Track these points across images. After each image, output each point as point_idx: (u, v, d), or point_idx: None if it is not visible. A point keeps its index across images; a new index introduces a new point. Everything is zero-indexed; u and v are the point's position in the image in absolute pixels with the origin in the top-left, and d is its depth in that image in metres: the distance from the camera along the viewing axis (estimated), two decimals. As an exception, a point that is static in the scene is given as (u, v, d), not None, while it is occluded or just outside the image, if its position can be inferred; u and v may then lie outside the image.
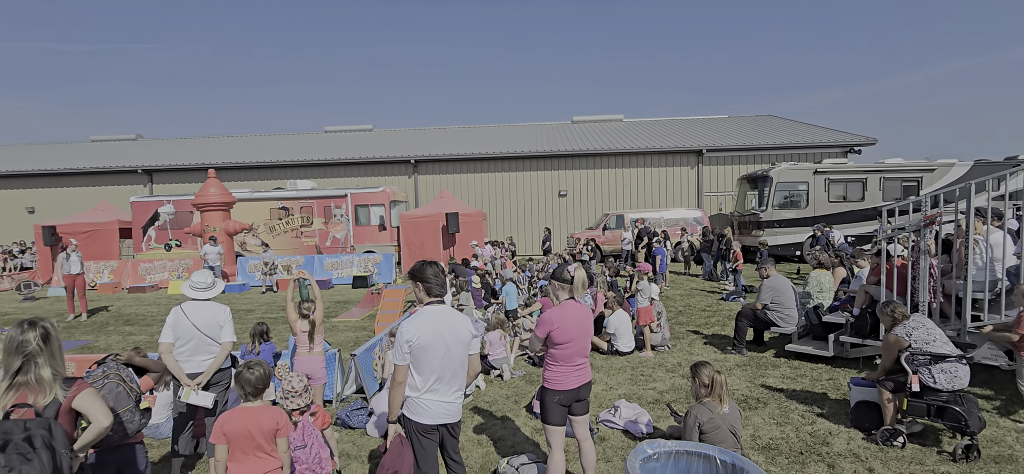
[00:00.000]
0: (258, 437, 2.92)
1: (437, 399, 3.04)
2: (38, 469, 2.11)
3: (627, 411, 5.10)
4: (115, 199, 22.67)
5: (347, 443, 4.83)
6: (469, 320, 3.27)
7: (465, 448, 4.67)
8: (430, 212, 17.43)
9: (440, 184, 22.99)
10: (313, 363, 4.76)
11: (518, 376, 6.67)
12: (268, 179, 23.36)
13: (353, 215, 18.68)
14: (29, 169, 24.42)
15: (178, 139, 32.02)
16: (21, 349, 2.28)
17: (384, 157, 23.18)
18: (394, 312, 9.61)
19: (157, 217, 19.15)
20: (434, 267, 3.14)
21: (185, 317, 4.04)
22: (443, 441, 3.17)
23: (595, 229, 19.25)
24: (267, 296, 13.99)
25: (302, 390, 3.93)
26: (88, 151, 28.40)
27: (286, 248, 18.57)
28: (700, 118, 30.50)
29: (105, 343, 9.14)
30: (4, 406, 2.22)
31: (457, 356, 3.08)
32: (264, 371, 3.10)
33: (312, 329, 4.77)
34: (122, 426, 3.14)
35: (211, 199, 15.84)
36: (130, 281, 16.14)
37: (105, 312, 12.27)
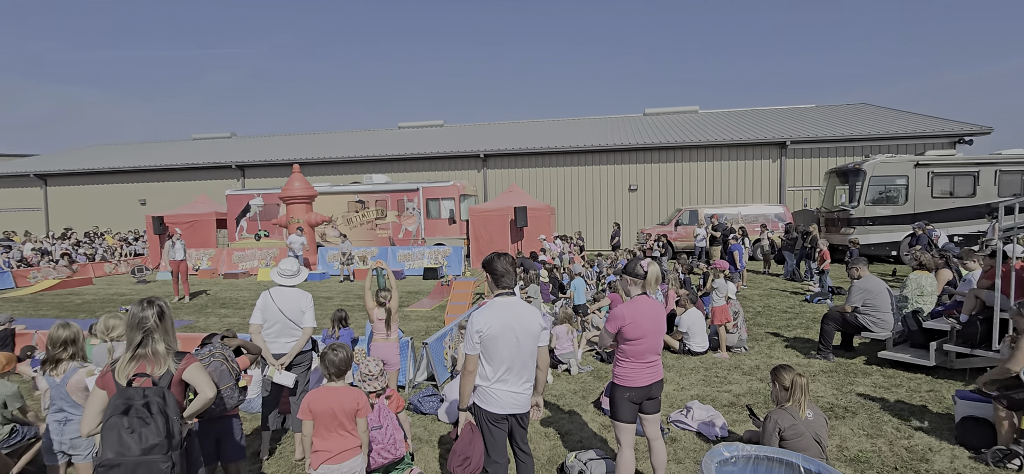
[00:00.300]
0: (340, 415, 3.09)
1: (507, 389, 3.08)
2: (154, 432, 2.36)
3: (700, 413, 4.93)
4: (213, 192, 24.70)
5: (419, 428, 5.00)
6: (539, 312, 3.28)
7: (532, 440, 4.71)
8: (499, 206, 17.62)
9: (509, 178, 23.19)
10: (388, 349, 4.96)
11: (586, 371, 6.62)
12: (346, 173, 24.54)
13: (424, 208, 19.25)
14: (141, 165, 27.14)
15: (267, 136, 34.38)
16: (141, 325, 2.55)
17: (454, 152, 23.68)
18: (463, 304, 9.83)
19: (248, 209, 20.68)
20: (504, 259, 3.17)
21: (272, 301, 4.34)
22: (512, 431, 3.22)
23: (667, 225, 18.68)
24: (344, 285, 14.74)
25: (378, 374, 4.12)
26: (190, 148, 31.14)
27: (362, 239, 19.47)
28: (784, 108, 28.73)
29: (204, 324, 10.01)
30: (127, 375, 2.49)
31: (526, 347, 3.11)
32: (347, 354, 3.28)
33: (388, 317, 4.97)
34: (223, 400, 3.43)
35: (295, 192, 16.90)
36: (225, 268, 17.56)
37: (204, 295, 13.44)
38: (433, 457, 4.47)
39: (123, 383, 2.47)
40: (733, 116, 27.53)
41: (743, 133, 22.20)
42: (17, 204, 28.50)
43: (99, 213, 27.35)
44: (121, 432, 2.34)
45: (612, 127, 26.84)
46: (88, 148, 36.47)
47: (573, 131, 26.55)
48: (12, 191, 28.60)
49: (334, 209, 19.91)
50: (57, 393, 3.32)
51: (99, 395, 2.49)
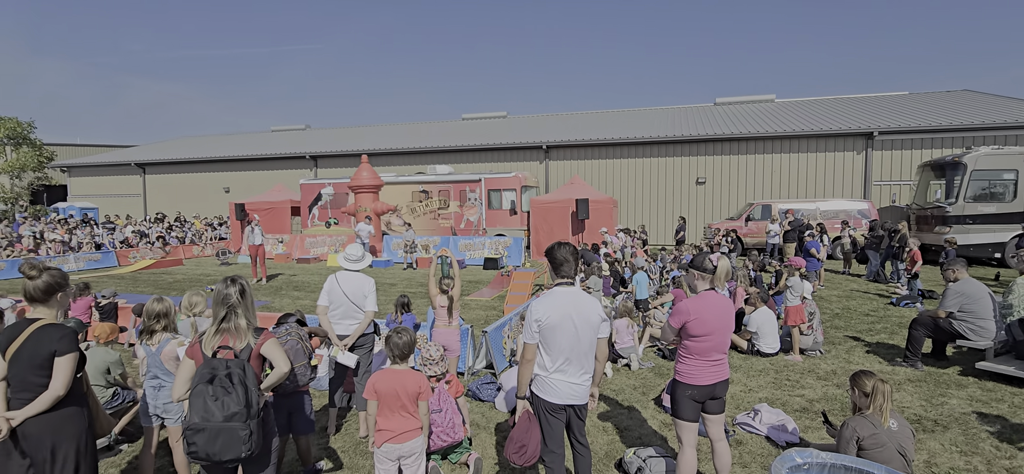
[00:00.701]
0: (403, 397, 3.17)
1: (565, 379, 3.06)
2: (235, 401, 2.52)
3: (769, 416, 4.68)
4: (288, 181, 26.14)
5: (477, 414, 5.07)
6: (599, 303, 3.22)
7: (590, 433, 4.65)
8: (560, 197, 17.52)
9: (571, 170, 22.98)
10: (449, 336, 5.05)
11: (647, 368, 6.46)
12: (411, 164, 25.22)
13: (486, 199, 19.46)
14: (225, 155, 29.13)
15: (338, 128, 35.94)
16: (225, 301, 2.72)
17: (516, 143, 23.74)
18: (522, 295, 9.86)
19: (320, 198, 21.72)
20: (565, 248, 3.13)
21: (337, 285, 4.52)
22: (570, 422, 3.19)
23: (737, 220, 17.85)
24: (408, 272, 15.19)
25: (438, 359, 4.21)
26: (268, 140, 33.08)
27: (425, 229, 19.97)
28: (871, 96, 26.66)
29: (279, 304, 10.63)
30: (212, 347, 2.67)
31: (586, 338, 3.06)
32: (410, 337, 3.36)
33: (450, 304, 5.06)
34: (296, 377, 3.62)
35: (363, 182, 17.57)
36: (298, 253, 18.57)
37: (279, 278, 14.27)
38: (490, 443, 4.51)
39: (209, 354, 2.66)
40: (813, 105, 25.86)
41: (824, 123, 20.80)
42: (120, 190, 31.43)
43: (189, 199, 29.66)
44: (206, 399, 2.52)
45: (680, 117, 25.94)
46: (179, 140, 39.61)
47: (638, 121, 25.91)
48: (116, 178, 31.56)
49: (399, 199, 20.54)
50: (152, 361, 3.63)
51: (188, 364, 2.69)
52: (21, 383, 2.66)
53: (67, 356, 2.69)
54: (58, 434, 2.71)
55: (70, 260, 16.64)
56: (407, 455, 3.21)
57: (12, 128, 32.26)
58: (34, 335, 2.67)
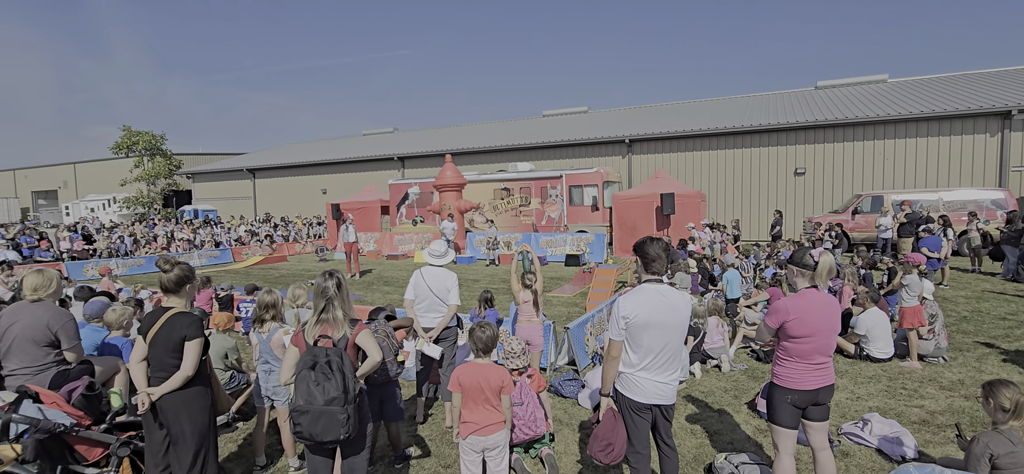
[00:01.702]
0: (486, 391, 3.24)
1: (651, 378, 2.97)
2: (335, 386, 2.70)
3: (881, 427, 4.26)
4: (378, 182, 27.56)
5: (559, 410, 5.06)
6: (690, 301, 3.09)
7: (677, 435, 4.49)
8: (644, 192, 17.03)
9: (655, 164, 22.27)
10: (532, 331, 5.08)
11: (739, 369, 6.12)
12: (493, 162, 25.64)
13: (567, 195, 19.35)
14: (322, 159, 31.27)
15: (424, 129, 37.36)
16: (324, 293, 2.93)
17: (598, 138, 23.38)
18: (605, 291, 9.71)
19: (407, 197, 22.71)
20: (657, 244, 3.03)
21: (422, 280, 4.70)
22: (656, 422, 3.10)
23: (842, 213, 16.39)
24: (490, 268, 15.47)
25: (520, 352, 4.24)
26: (360, 143, 35.09)
27: (507, 226, 20.24)
28: (1007, 70, 23.42)
29: (371, 298, 11.25)
30: (314, 336, 2.89)
31: (674, 337, 2.96)
32: (493, 332, 3.42)
33: (534, 299, 5.09)
34: (385, 370, 3.82)
35: (447, 181, 18.12)
36: (387, 249, 19.54)
37: (371, 273, 15.10)
38: (573, 440, 4.49)
39: (310, 343, 2.88)
40: (933, 83, 23.16)
41: (947, 103, 18.53)
42: (234, 194, 34.77)
43: (291, 201, 32.18)
44: (309, 384, 2.72)
45: (775, 104, 24.26)
46: (283, 146, 43.08)
47: (728, 110, 24.57)
48: (231, 183, 34.95)
49: (481, 196, 20.97)
50: (263, 347, 3.98)
51: (293, 351, 2.92)
52: (158, 363, 3.02)
53: (195, 341, 3.03)
54: (187, 409, 3.05)
55: (194, 256, 18.67)
56: (491, 447, 3.27)
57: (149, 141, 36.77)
58: (168, 322, 3.03)
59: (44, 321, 3.56)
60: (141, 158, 37.24)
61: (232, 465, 4.18)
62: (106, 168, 40.99)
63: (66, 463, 3.06)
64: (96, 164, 42.91)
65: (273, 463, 4.16)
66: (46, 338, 3.56)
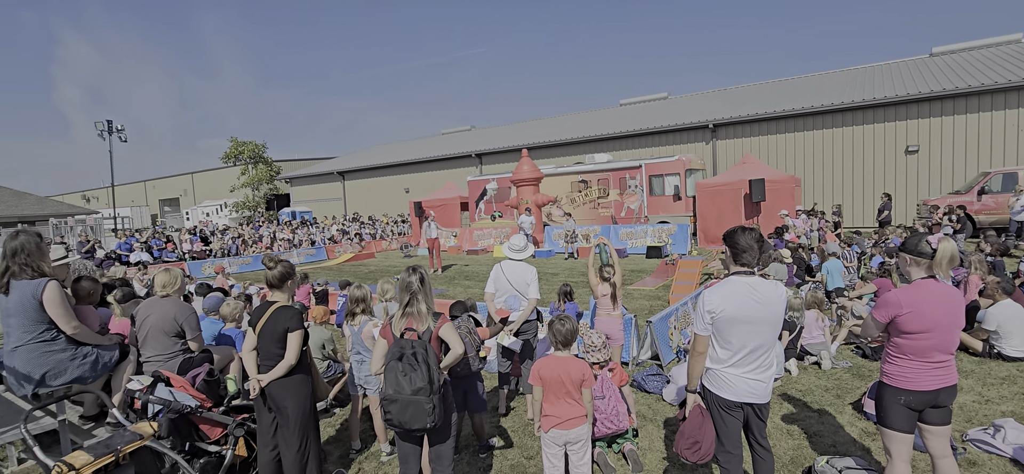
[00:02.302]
0: (567, 384, 3.23)
1: (742, 374, 2.82)
2: (420, 377, 2.82)
3: (1017, 435, 3.76)
4: (457, 179, 28.27)
5: (643, 406, 4.94)
6: (784, 294, 2.89)
7: (772, 436, 4.23)
8: (730, 179, 16.16)
9: (743, 148, 21.03)
10: (612, 324, 5.00)
11: (841, 367, 5.65)
12: (570, 154, 25.44)
13: (647, 185, 18.80)
14: (403, 159, 32.58)
15: (500, 125, 37.84)
16: (408, 288, 3.06)
17: (679, 124, 22.47)
18: (689, 284, 9.34)
19: (485, 193, 23.11)
20: (749, 234, 2.87)
21: (502, 273, 4.77)
22: (748, 421, 2.94)
23: (965, 194, 14.59)
24: (569, 262, 15.39)
25: (601, 346, 4.19)
26: (439, 142, 36.17)
27: (585, 218, 20.01)
28: None
29: (452, 292, 11.58)
30: (400, 328, 3.02)
31: (767, 332, 2.79)
32: (573, 325, 3.40)
33: (613, 291, 5.00)
34: (467, 364, 3.92)
35: (524, 175, 18.22)
36: (467, 245, 20.01)
37: (452, 268, 15.55)
38: (658, 437, 4.37)
39: (397, 335, 3.02)
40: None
41: (1099, 62, 15.92)
42: (326, 195, 37.16)
43: (377, 200, 33.85)
44: (397, 374, 2.86)
45: (880, 76, 22.06)
46: (369, 149, 45.37)
47: (824, 87, 22.67)
48: (323, 186, 37.38)
49: (559, 189, 20.89)
50: (355, 339, 4.23)
51: (382, 343, 3.08)
52: (265, 352, 3.30)
53: (297, 332, 3.28)
54: (291, 395, 3.32)
55: (293, 255, 20.19)
56: (573, 441, 3.26)
57: (252, 150, 40.19)
58: (273, 314, 3.30)
59: (172, 314, 4.02)
60: (246, 166, 40.81)
61: (330, 448, 4.49)
62: (218, 176, 45.34)
63: (193, 440, 3.44)
64: (210, 173, 47.58)
65: (367, 447, 4.42)
66: (174, 329, 4.01)
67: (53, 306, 3.52)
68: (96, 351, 3.79)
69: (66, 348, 3.62)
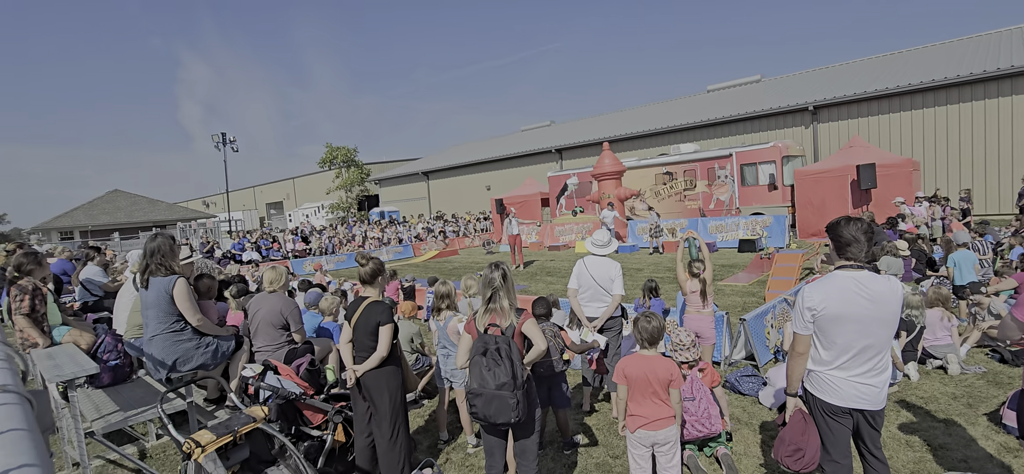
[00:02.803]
0: (654, 383, 3.12)
1: (849, 377, 2.58)
2: (504, 372, 2.85)
3: None
4: (537, 175, 28.36)
5: (737, 408, 4.68)
6: (900, 288, 2.60)
7: (888, 446, 3.83)
8: (834, 165, 14.88)
9: (849, 131, 19.27)
10: (702, 322, 4.77)
11: (973, 372, 5.01)
12: (654, 146, 24.63)
13: (738, 175, 17.77)
14: (485, 158, 33.17)
15: (580, 119, 37.42)
16: (491, 284, 3.10)
17: (774, 109, 21.01)
18: (788, 279, 8.71)
19: (566, 188, 22.97)
20: (855, 225, 2.62)
21: (586, 269, 4.70)
22: (859, 429, 2.68)
23: None
24: (654, 257, 14.92)
25: (689, 344, 4.01)
26: (519, 139, 36.44)
27: (671, 212, 19.30)
28: None
29: (535, 288, 11.63)
30: (483, 324, 3.07)
31: (878, 332, 2.53)
32: (659, 323, 3.28)
33: (703, 288, 4.78)
34: (551, 364, 3.91)
35: (606, 169, 17.90)
36: (548, 240, 20.01)
37: (534, 264, 15.62)
38: (754, 442, 4.11)
39: (481, 330, 3.07)
40: None
41: None
42: (412, 195, 38.75)
43: (460, 198, 34.78)
44: (482, 369, 2.91)
45: (1015, 41, 19.25)
46: (450, 149, 46.69)
47: (943, 58, 20.16)
48: (409, 186, 39.02)
49: (642, 182, 20.30)
50: (441, 334, 4.36)
51: (467, 338, 3.15)
52: (360, 345, 3.50)
53: (387, 326, 3.44)
54: (383, 386, 3.48)
55: (383, 252, 21.26)
56: (661, 443, 3.15)
57: (345, 155, 42.82)
58: (366, 309, 3.49)
59: (278, 308, 4.37)
60: (339, 170, 43.56)
61: (420, 437, 4.67)
62: (316, 181, 48.77)
63: (297, 424, 3.72)
64: (308, 177, 51.30)
65: (454, 439, 4.55)
66: (280, 322, 4.37)
67: (181, 300, 3.95)
68: (216, 341, 4.21)
69: (192, 338, 4.05)
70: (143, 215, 35.10)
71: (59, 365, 3.54)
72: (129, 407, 3.81)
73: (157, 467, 4.28)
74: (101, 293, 6.67)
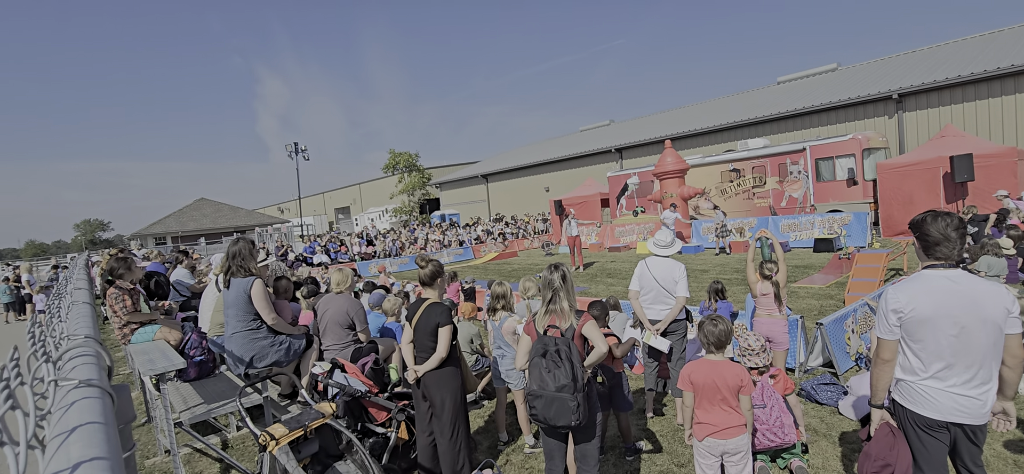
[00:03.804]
0: (723, 390, 2.97)
1: (945, 388, 2.35)
2: (564, 374, 2.81)
3: None
4: (597, 175, 27.98)
5: (814, 418, 4.38)
6: (1005, 291, 2.34)
7: (992, 466, 3.46)
8: (923, 158, 13.70)
9: (940, 119, 17.69)
10: (774, 326, 4.52)
11: (1097, 387, 4.43)
12: (720, 142, 23.67)
13: (813, 170, 16.74)
14: (543, 159, 33.11)
15: (641, 117, 36.59)
16: (550, 285, 3.07)
17: (852, 98, 19.61)
18: (871, 281, 8.09)
19: (626, 188, 22.52)
20: (944, 220, 2.38)
21: (648, 270, 4.56)
22: (957, 444, 2.44)
23: None
24: (720, 258, 14.32)
25: (759, 349, 3.80)
26: (578, 140, 36.11)
27: (738, 210, 18.47)
28: None
29: (595, 290, 11.46)
30: (543, 325, 3.05)
31: (980, 338, 2.28)
32: (726, 326, 3.13)
33: (776, 290, 4.52)
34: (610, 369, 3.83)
35: (668, 168, 17.38)
36: (609, 241, 19.67)
37: (594, 265, 15.40)
38: (833, 454, 3.83)
39: (541, 332, 3.04)
40: None
41: None
42: (472, 198, 39.31)
43: (519, 200, 34.91)
44: (541, 370, 2.88)
45: None
46: (509, 151, 46.97)
47: (1057, 35, 18.06)
48: (469, 189, 39.61)
49: (707, 181, 19.56)
50: (496, 334, 4.38)
51: (526, 339, 3.13)
52: (420, 345, 3.57)
53: (446, 327, 3.49)
54: (443, 386, 3.53)
55: (444, 254, 21.70)
56: (731, 452, 3.00)
57: (407, 160, 44.13)
58: (426, 310, 3.55)
59: (344, 309, 4.55)
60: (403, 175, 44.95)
61: (479, 437, 4.70)
62: (380, 185, 50.58)
63: (363, 421, 3.85)
64: (373, 183, 53.28)
65: (513, 440, 4.54)
66: (346, 322, 4.54)
67: (258, 300, 4.20)
68: (289, 339, 4.44)
69: (267, 336, 4.29)
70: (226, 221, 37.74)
71: (152, 360, 3.85)
72: (212, 400, 4.09)
73: (238, 457, 4.56)
74: (189, 294, 7.21)
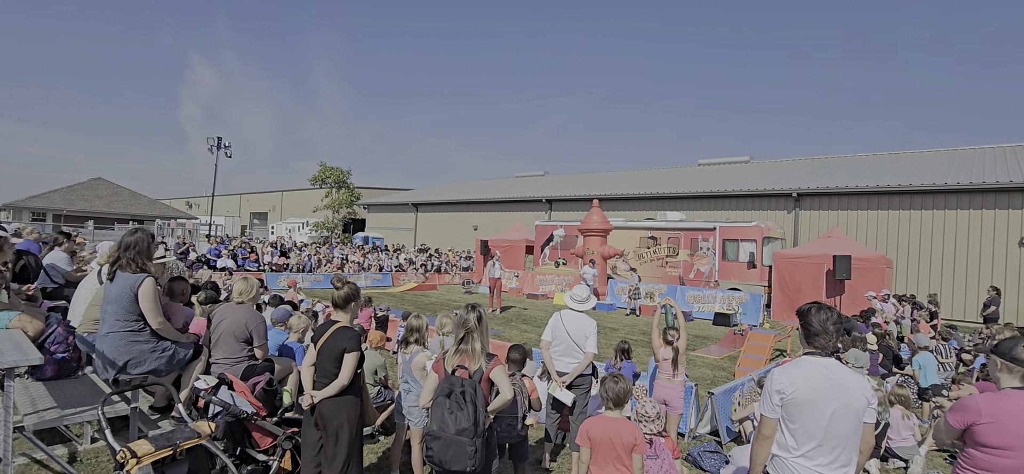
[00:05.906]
0: (618, 447, 3.06)
1: (814, 467, 2.56)
2: (466, 417, 2.77)
3: None
4: (526, 222, 28.53)
5: (699, 484, 4.59)
6: (866, 383, 2.62)
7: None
8: (812, 252, 15.23)
9: (828, 222, 19.84)
10: (672, 391, 4.74)
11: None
12: (641, 209, 25.04)
13: (720, 249, 18.07)
14: (476, 197, 33.36)
15: (573, 174, 38.04)
16: (464, 325, 3.05)
17: (759, 190, 21.61)
18: (758, 359, 8.75)
19: (552, 238, 23.10)
20: (826, 313, 2.65)
21: (561, 323, 4.67)
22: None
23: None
24: (630, 318, 14.92)
25: (655, 416, 3.96)
26: (512, 185, 36.81)
27: (652, 275, 19.46)
28: None
29: (508, 335, 11.51)
30: (452, 365, 3.01)
31: (846, 423, 2.53)
32: (626, 386, 3.25)
33: (675, 356, 4.77)
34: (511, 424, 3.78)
35: (593, 226, 18.08)
36: (528, 288, 19.95)
37: (511, 310, 15.51)
38: (713, 522, 4.02)
39: (449, 370, 3.00)
40: None
41: None
42: (399, 225, 38.61)
43: (446, 234, 34.73)
44: (444, 411, 2.83)
45: (987, 160, 20.24)
46: (442, 185, 46.95)
47: (921, 165, 21.08)
48: (396, 215, 38.92)
49: (626, 243, 20.52)
50: (405, 368, 4.26)
51: (433, 377, 3.07)
52: (322, 370, 3.39)
53: (353, 354, 3.34)
54: (340, 416, 3.36)
55: (361, 277, 20.98)
56: (619, 510, 3.06)
57: (337, 175, 42.79)
58: (334, 333, 3.40)
59: (243, 320, 4.24)
60: (330, 190, 43.43)
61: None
62: (304, 196, 48.48)
63: (244, 446, 3.55)
64: (298, 192, 50.99)
65: (406, 481, 4.37)
66: (243, 335, 4.23)
67: (146, 301, 3.83)
68: (174, 346, 4.06)
69: (149, 340, 3.91)
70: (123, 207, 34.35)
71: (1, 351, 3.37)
72: (68, 405, 3.62)
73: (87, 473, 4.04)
74: (62, 281, 6.44)
